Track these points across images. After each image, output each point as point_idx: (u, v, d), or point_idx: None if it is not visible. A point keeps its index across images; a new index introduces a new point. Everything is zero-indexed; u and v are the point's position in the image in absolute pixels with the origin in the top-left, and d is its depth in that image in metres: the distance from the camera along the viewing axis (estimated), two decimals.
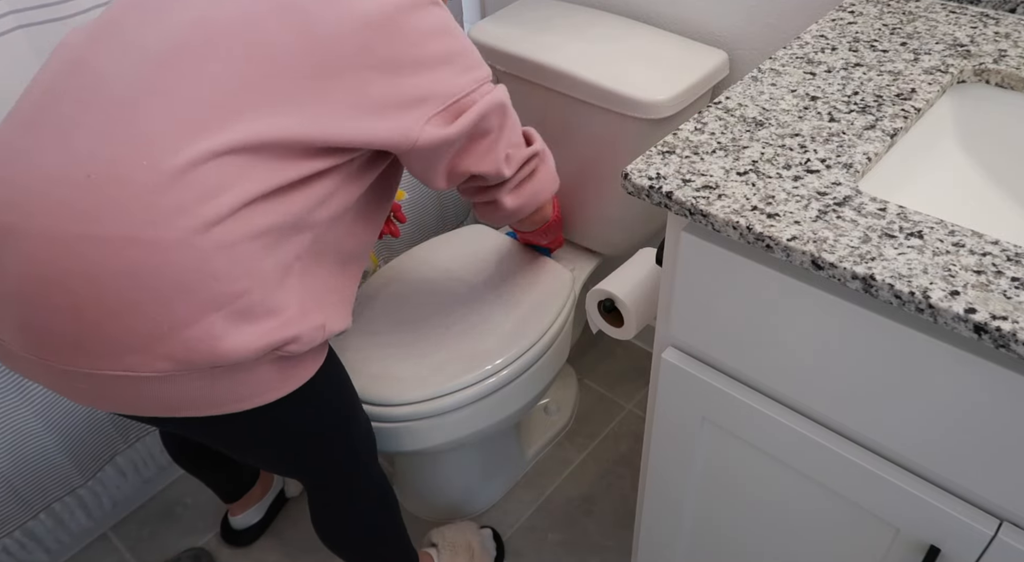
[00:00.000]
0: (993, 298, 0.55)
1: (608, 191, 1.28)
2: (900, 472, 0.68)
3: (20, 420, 1.19)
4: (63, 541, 1.36)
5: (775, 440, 0.76)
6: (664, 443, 0.88)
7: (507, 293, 1.26)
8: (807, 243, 0.60)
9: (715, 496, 0.88)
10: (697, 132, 0.74)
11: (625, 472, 1.50)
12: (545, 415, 1.58)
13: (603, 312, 1.04)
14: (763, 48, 1.17)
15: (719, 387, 0.77)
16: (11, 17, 0.98)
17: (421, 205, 1.61)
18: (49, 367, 0.74)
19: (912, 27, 0.89)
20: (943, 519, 0.66)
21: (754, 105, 0.77)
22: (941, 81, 0.79)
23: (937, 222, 0.62)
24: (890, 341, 0.61)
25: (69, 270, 0.68)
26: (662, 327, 0.82)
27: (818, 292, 0.64)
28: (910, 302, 0.56)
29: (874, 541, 0.75)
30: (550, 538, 1.40)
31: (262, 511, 1.41)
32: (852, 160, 0.69)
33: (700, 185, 0.67)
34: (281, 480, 1.45)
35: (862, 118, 0.74)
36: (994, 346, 0.53)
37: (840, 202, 0.64)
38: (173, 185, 0.68)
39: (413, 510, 1.45)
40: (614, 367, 1.72)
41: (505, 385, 1.16)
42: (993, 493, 0.63)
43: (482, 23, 1.30)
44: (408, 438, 1.14)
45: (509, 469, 1.47)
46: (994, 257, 0.58)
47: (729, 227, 0.64)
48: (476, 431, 1.19)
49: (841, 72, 0.81)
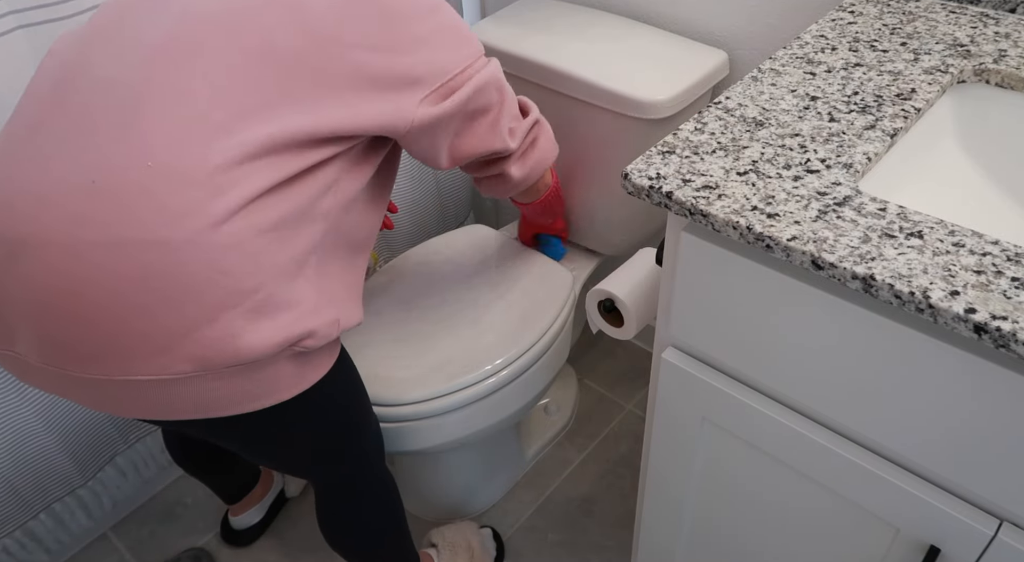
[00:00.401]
0: (993, 298, 0.55)
1: (608, 191, 1.28)
2: (900, 472, 0.68)
3: (20, 420, 1.19)
4: (63, 541, 1.36)
5: (775, 440, 0.76)
6: (664, 443, 0.88)
7: (507, 293, 1.26)
8: (807, 243, 0.60)
9: (715, 496, 0.88)
10: (697, 132, 0.74)
11: (625, 472, 1.50)
12: (545, 415, 1.58)
13: (603, 312, 1.04)
14: (763, 48, 1.17)
15: (719, 387, 0.77)
16: (11, 17, 0.98)
17: (421, 205, 1.60)
18: (71, 378, 0.74)
19: (912, 27, 0.89)
20: (943, 519, 0.66)
21: (754, 105, 0.77)
22: (941, 81, 0.79)
23: (937, 222, 0.62)
24: (890, 341, 0.61)
25: (85, 278, 0.68)
26: (662, 327, 0.82)
27: (818, 292, 0.64)
28: (910, 302, 0.56)
29: (874, 541, 0.75)
30: (550, 538, 1.40)
31: (262, 511, 1.41)
32: (852, 160, 0.69)
33: (700, 185, 0.67)
34: (281, 480, 1.45)
35: (862, 118, 0.74)
36: (994, 346, 0.53)
37: (840, 202, 0.64)
38: (180, 186, 0.68)
39: (413, 510, 1.45)
40: (614, 367, 1.72)
41: (505, 385, 1.16)
42: (993, 493, 0.63)
43: (482, 23, 1.30)
44: (408, 438, 1.14)
45: (509, 469, 1.47)
46: (994, 257, 0.58)
47: (729, 227, 0.64)
48: (476, 431, 1.19)
49: (841, 72, 0.81)
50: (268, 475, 1.43)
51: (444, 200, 1.67)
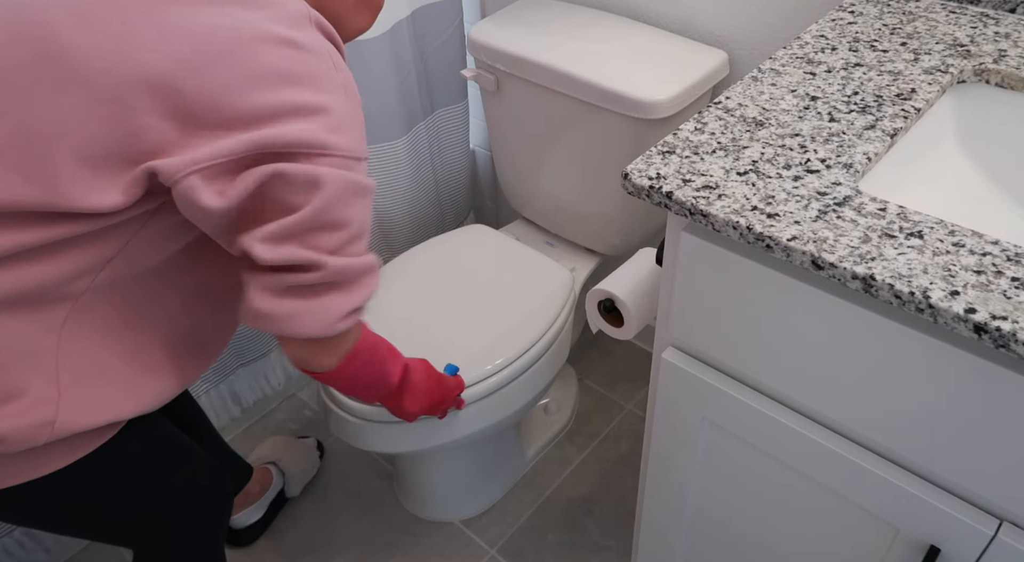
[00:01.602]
0: (993, 298, 0.54)
1: (608, 191, 1.28)
2: (900, 472, 0.68)
3: None
4: (63, 540, 1.36)
5: (775, 440, 0.76)
6: (664, 443, 0.88)
7: (507, 293, 1.26)
8: (807, 243, 0.60)
9: (715, 496, 0.88)
10: (697, 132, 0.74)
11: (625, 472, 1.50)
12: (545, 415, 1.58)
13: (603, 312, 1.04)
14: (763, 48, 1.17)
15: (719, 387, 0.77)
16: None
17: (421, 205, 1.60)
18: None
19: (912, 27, 0.89)
20: (943, 519, 0.66)
21: (754, 105, 0.77)
22: (941, 81, 0.79)
23: (937, 222, 0.62)
24: (890, 341, 0.61)
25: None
26: (662, 327, 0.82)
27: (818, 292, 0.64)
28: (910, 302, 0.56)
29: (874, 541, 0.74)
30: (550, 538, 1.40)
31: (262, 509, 1.40)
32: (852, 160, 0.69)
33: (700, 185, 0.67)
34: (281, 479, 1.45)
35: (862, 118, 0.74)
36: (994, 346, 0.53)
37: (840, 202, 0.64)
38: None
39: (413, 510, 1.45)
40: (614, 367, 1.72)
41: (505, 385, 1.16)
42: (993, 493, 0.63)
43: (482, 23, 1.30)
44: (407, 438, 1.14)
45: (509, 469, 1.47)
46: (994, 257, 0.58)
47: (729, 227, 0.64)
48: (476, 431, 1.18)
49: (841, 72, 0.81)
50: (265, 472, 1.42)
51: (444, 199, 1.67)
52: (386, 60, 1.34)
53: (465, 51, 1.49)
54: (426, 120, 1.51)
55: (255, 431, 1.61)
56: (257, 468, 1.41)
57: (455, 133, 1.59)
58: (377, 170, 1.47)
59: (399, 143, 1.45)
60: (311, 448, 1.52)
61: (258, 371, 1.56)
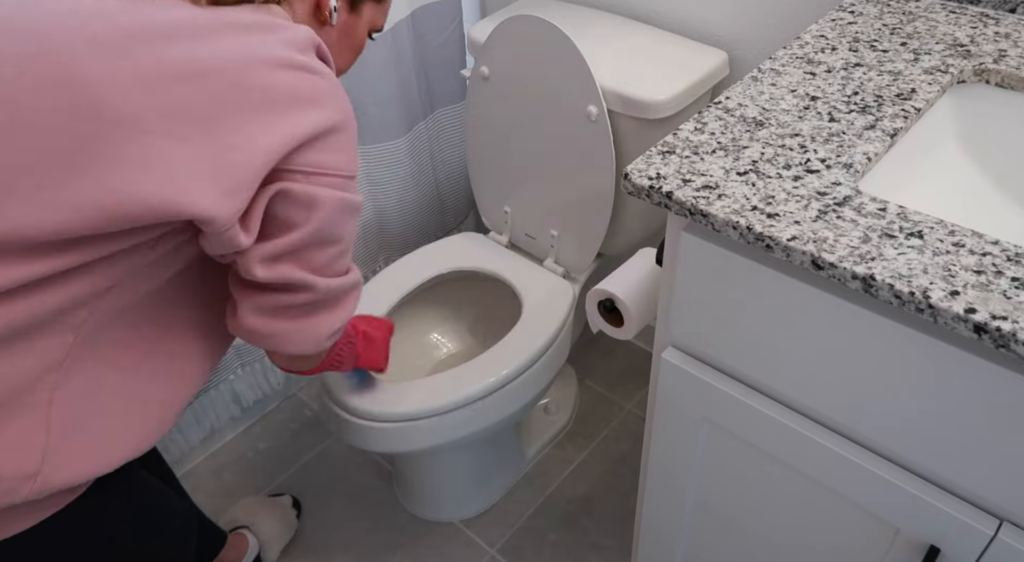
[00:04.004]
0: (993, 298, 0.54)
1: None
2: (900, 472, 0.68)
3: None
4: None
5: (775, 440, 0.76)
6: (664, 443, 0.88)
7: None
8: (807, 243, 0.60)
9: (715, 496, 0.88)
10: (697, 132, 0.74)
11: (625, 472, 1.50)
12: (545, 415, 1.58)
13: (603, 312, 1.04)
14: (763, 48, 1.17)
15: (719, 387, 0.77)
16: None
17: (421, 204, 1.60)
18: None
19: (912, 27, 0.89)
20: (943, 519, 0.66)
21: (754, 105, 0.77)
22: (941, 81, 0.79)
23: (937, 222, 0.62)
24: (890, 341, 0.61)
25: None
26: (662, 327, 0.82)
27: (818, 292, 0.64)
28: (910, 302, 0.56)
29: (874, 541, 0.74)
30: (550, 538, 1.40)
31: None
32: (852, 160, 0.69)
33: (700, 185, 0.67)
34: (256, 546, 1.34)
35: (862, 118, 0.74)
36: (994, 346, 0.53)
37: (840, 202, 0.64)
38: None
39: (413, 510, 1.45)
40: (614, 367, 1.72)
41: (505, 385, 1.16)
42: (993, 493, 0.63)
43: (482, 23, 1.30)
44: (407, 438, 1.14)
45: (509, 469, 1.47)
46: (994, 257, 0.58)
47: (729, 227, 0.64)
48: (476, 431, 1.18)
49: (841, 72, 0.81)
50: (240, 538, 1.31)
51: (444, 199, 1.67)
52: (386, 60, 1.34)
53: (465, 51, 1.49)
54: (426, 120, 1.51)
55: (255, 431, 1.61)
56: (232, 534, 1.31)
57: (455, 133, 1.60)
58: (378, 170, 1.47)
59: (400, 143, 1.45)
60: (286, 507, 1.42)
61: (258, 371, 1.56)
